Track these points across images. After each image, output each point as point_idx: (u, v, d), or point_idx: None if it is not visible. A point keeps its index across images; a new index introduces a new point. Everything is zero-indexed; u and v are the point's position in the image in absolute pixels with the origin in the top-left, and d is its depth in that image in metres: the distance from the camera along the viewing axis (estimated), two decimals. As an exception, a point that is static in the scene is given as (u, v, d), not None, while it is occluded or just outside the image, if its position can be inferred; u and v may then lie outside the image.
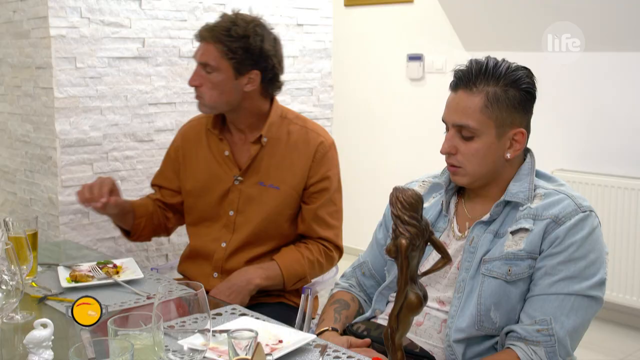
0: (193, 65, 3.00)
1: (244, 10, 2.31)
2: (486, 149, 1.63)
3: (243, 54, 2.19)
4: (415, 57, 4.72)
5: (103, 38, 2.77)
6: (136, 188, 2.94)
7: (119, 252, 2.89)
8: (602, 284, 1.59)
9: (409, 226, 1.16)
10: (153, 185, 2.51)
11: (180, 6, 2.97)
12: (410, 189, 1.19)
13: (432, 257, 1.72)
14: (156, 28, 2.91)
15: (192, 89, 2.99)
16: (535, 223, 1.60)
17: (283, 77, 2.35)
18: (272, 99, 2.33)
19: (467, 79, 1.63)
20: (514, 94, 1.62)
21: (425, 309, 1.69)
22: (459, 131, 1.64)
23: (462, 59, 4.68)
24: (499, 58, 1.67)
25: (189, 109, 3.05)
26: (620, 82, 3.80)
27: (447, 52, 4.52)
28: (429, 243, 1.21)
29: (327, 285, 3.31)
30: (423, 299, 1.19)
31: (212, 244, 2.33)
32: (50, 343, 1.48)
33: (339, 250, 2.40)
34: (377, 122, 5.00)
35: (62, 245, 2.59)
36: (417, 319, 1.69)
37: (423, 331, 1.70)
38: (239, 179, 2.30)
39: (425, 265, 1.66)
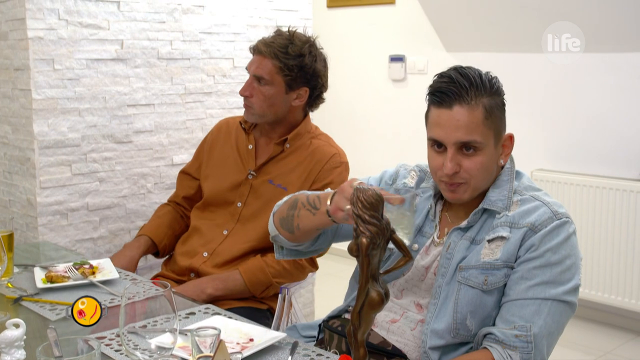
0: (171, 66, 3.05)
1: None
2: (488, 160, 1.62)
3: (297, 71, 2.33)
4: (397, 58, 4.75)
5: (81, 40, 2.78)
6: (115, 189, 2.94)
7: (97, 253, 2.89)
8: (576, 289, 1.61)
9: (370, 225, 1.18)
10: (181, 172, 2.66)
11: (159, 8, 2.98)
12: (370, 189, 1.20)
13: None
14: (134, 30, 2.91)
15: (170, 90, 3.05)
16: (512, 231, 1.60)
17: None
18: (305, 115, 2.47)
19: (460, 93, 1.57)
20: (500, 101, 1.63)
21: (402, 309, 1.72)
22: (460, 148, 1.60)
23: (443, 60, 4.71)
24: (464, 65, 1.67)
25: (167, 110, 3.06)
26: (601, 82, 3.84)
27: (429, 53, 4.55)
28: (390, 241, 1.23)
29: (304, 290, 3.33)
30: (385, 296, 1.21)
31: (214, 228, 2.44)
32: (23, 343, 1.49)
33: (312, 260, 2.41)
34: (359, 123, 5.02)
35: (41, 246, 2.59)
36: (393, 316, 1.72)
37: (396, 328, 1.71)
38: (252, 173, 2.42)
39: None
